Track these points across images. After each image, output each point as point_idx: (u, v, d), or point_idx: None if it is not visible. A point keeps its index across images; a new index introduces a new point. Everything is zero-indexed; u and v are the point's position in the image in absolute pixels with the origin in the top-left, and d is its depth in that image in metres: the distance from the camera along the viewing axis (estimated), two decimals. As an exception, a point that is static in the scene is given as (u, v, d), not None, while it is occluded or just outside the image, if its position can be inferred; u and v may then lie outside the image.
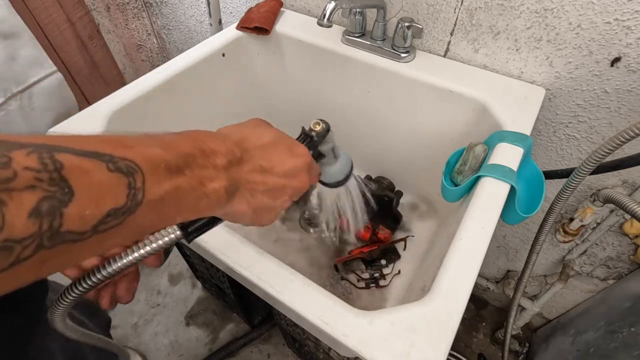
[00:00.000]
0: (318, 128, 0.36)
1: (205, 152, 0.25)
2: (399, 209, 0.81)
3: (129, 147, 0.21)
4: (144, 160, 0.21)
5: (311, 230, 0.84)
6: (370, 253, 0.75)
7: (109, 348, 0.38)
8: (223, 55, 0.76)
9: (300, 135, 0.37)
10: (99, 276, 0.26)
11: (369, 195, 0.50)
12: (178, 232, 0.28)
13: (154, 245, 0.27)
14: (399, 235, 0.81)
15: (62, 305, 0.28)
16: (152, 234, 0.27)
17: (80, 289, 0.27)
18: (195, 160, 0.24)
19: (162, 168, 0.22)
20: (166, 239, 0.28)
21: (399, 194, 0.82)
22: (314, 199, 0.52)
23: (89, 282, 0.26)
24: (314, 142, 0.37)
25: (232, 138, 0.29)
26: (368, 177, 0.84)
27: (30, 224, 0.16)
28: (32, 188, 0.16)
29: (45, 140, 0.18)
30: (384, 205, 0.78)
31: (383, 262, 0.75)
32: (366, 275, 0.76)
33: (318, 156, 0.38)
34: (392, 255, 0.77)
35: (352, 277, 0.76)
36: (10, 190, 0.15)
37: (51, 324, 0.30)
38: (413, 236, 0.80)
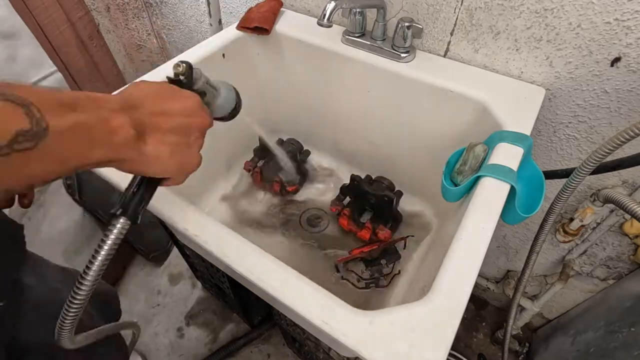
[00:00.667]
0: (180, 69, 0.36)
1: (96, 98, 0.27)
2: (398, 209, 0.81)
3: (17, 88, 0.23)
4: (32, 95, 0.23)
5: (312, 229, 0.84)
6: (370, 253, 0.75)
7: (115, 330, 0.39)
8: (223, 56, 0.76)
9: (169, 83, 0.37)
10: (82, 291, 0.29)
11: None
12: (122, 220, 0.31)
13: (109, 241, 0.30)
14: (399, 234, 0.81)
15: (65, 327, 0.29)
16: (102, 239, 0.31)
17: (74, 306, 0.29)
18: (86, 102, 0.26)
19: (55, 104, 0.24)
20: (115, 229, 0.31)
21: (399, 194, 0.82)
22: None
23: (78, 298, 0.29)
24: (184, 84, 0.36)
25: (117, 95, 0.31)
26: (368, 178, 0.85)
27: None
28: None
29: None
30: (384, 205, 0.78)
31: (383, 262, 0.75)
32: (366, 275, 0.76)
33: (198, 94, 0.38)
34: (392, 255, 0.77)
35: (352, 277, 0.76)
36: None
37: (59, 343, 0.32)
38: (412, 236, 0.80)
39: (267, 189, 0.90)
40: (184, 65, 0.36)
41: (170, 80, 0.37)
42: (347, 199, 0.84)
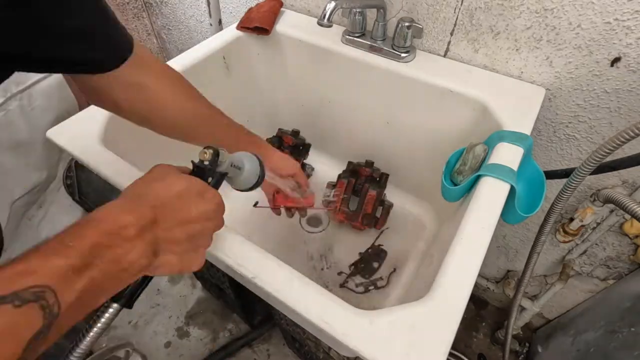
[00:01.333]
0: (206, 156, 0.37)
1: (114, 231, 0.26)
2: (394, 202, 0.82)
3: (32, 273, 0.22)
4: (50, 277, 0.22)
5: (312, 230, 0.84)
6: (361, 259, 0.76)
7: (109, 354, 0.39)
8: (224, 58, 0.76)
9: (194, 169, 0.38)
10: None
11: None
12: (115, 305, 0.31)
13: (96, 328, 0.30)
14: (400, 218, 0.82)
15: None
16: (91, 317, 0.30)
17: None
18: (104, 247, 0.25)
19: (70, 274, 0.23)
20: (105, 316, 0.30)
21: (387, 176, 0.85)
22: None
23: None
24: (209, 170, 0.38)
25: (142, 200, 0.30)
26: (351, 165, 0.86)
27: None
28: None
29: None
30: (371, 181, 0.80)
31: (375, 264, 0.76)
32: (363, 280, 0.76)
33: (221, 177, 0.39)
34: (379, 254, 0.77)
35: (351, 284, 0.76)
36: None
37: None
38: (387, 228, 0.82)
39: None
40: (210, 151, 0.36)
41: (195, 166, 0.37)
42: (340, 182, 0.85)
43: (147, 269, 0.29)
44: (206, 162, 0.37)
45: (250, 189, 0.45)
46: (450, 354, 1.09)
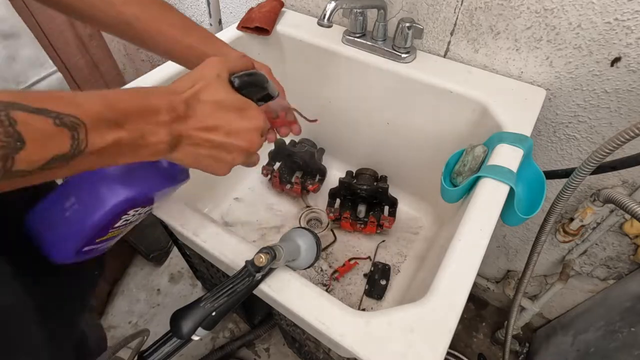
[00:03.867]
0: (263, 261, 0.36)
1: (148, 109, 0.29)
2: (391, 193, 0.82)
3: (75, 105, 0.24)
4: (87, 116, 0.24)
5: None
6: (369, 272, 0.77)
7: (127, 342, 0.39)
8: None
9: (244, 270, 0.37)
10: None
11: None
12: None
13: None
14: (399, 219, 0.82)
15: None
16: None
17: None
18: (135, 117, 0.28)
19: (103, 123, 0.26)
20: None
21: (386, 179, 0.83)
22: None
23: None
24: (267, 272, 0.38)
25: (180, 93, 0.31)
26: (350, 173, 0.85)
27: None
28: None
29: (3, 97, 0.22)
30: (379, 195, 0.78)
31: (383, 282, 0.75)
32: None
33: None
34: (384, 270, 0.76)
35: (366, 306, 0.75)
36: None
37: None
38: (384, 241, 0.81)
39: (286, 191, 0.89)
40: (267, 257, 0.36)
41: (247, 270, 0.37)
42: (338, 200, 0.84)
43: (164, 155, 0.31)
44: (262, 267, 0.36)
45: (308, 267, 0.46)
46: (450, 354, 1.09)
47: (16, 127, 0.21)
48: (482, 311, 1.20)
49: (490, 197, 0.48)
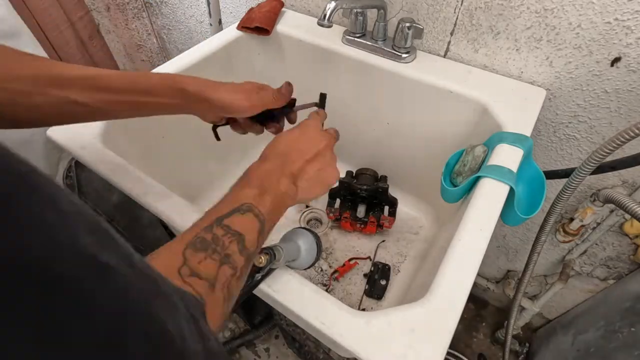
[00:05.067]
0: (262, 262, 0.37)
1: (266, 174, 0.39)
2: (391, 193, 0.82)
3: (239, 199, 0.35)
4: (250, 198, 0.35)
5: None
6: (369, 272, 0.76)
7: None
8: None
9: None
10: None
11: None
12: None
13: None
14: (399, 219, 0.82)
15: None
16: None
17: None
18: (266, 182, 0.38)
19: (258, 196, 0.36)
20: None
21: (386, 179, 0.82)
22: None
23: None
24: (266, 272, 0.39)
25: (270, 155, 0.41)
26: (350, 173, 0.84)
27: (242, 257, 0.31)
28: (231, 242, 0.31)
29: (209, 220, 0.32)
30: (379, 195, 0.78)
31: (383, 282, 0.75)
32: (365, 288, 0.75)
33: (271, 270, 0.41)
34: (384, 271, 0.76)
35: (366, 306, 0.75)
36: (226, 247, 0.30)
37: None
38: (384, 241, 0.81)
39: None
40: (267, 257, 0.38)
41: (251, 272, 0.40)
42: (338, 200, 0.84)
43: (297, 195, 0.40)
44: (262, 266, 0.38)
45: (309, 267, 0.47)
46: (450, 354, 1.09)
47: (233, 229, 0.32)
48: (482, 311, 1.20)
49: (490, 197, 0.48)
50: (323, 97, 0.53)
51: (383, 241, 0.81)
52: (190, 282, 0.26)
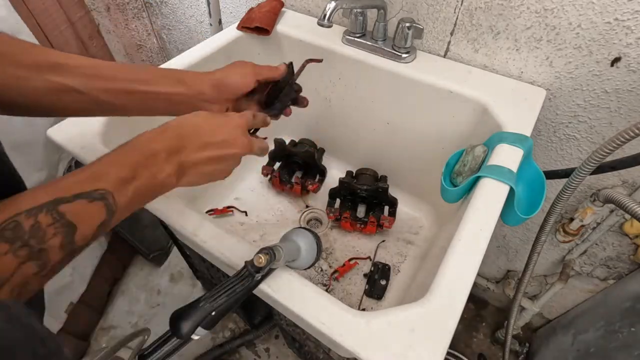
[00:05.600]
0: (262, 262, 0.36)
1: (150, 155, 0.34)
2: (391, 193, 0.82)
3: (97, 179, 0.30)
4: (109, 183, 0.30)
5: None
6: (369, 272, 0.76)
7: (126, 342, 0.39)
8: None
9: (244, 270, 0.37)
10: None
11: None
12: None
13: None
14: (399, 219, 0.82)
15: None
16: None
17: None
18: (142, 165, 0.33)
19: (121, 182, 0.31)
20: None
21: (386, 179, 0.82)
22: None
23: None
24: (266, 272, 0.38)
25: (171, 130, 0.37)
26: (350, 173, 0.85)
27: (61, 253, 0.27)
28: (54, 235, 0.27)
29: (44, 197, 0.27)
30: (379, 195, 0.78)
31: (382, 282, 0.75)
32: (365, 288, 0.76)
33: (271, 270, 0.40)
34: (384, 271, 0.76)
35: (366, 306, 0.75)
36: (45, 241, 0.26)
37: None
38: (384, 241, 0.81)
39: (286, 191, 0.89)
40: (267, 257, 0.36)
41: (248, 271, 0.37)
42: (338, 200, 0.84)
43: (176, 184, 0.36)
44: (262, 267, 0.36)
45: (309, 267, 0.46)
46: (450, 354, 1.09)
47: (66, 218, 0.27)
48: (482, 311, 1.20)
49: (490, 197, 0.48)
50: (291, 65, 0.54)
51: (383, 241, 0.81)
52: None
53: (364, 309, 0.73)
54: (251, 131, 0.48)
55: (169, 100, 0.44)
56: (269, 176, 0.88)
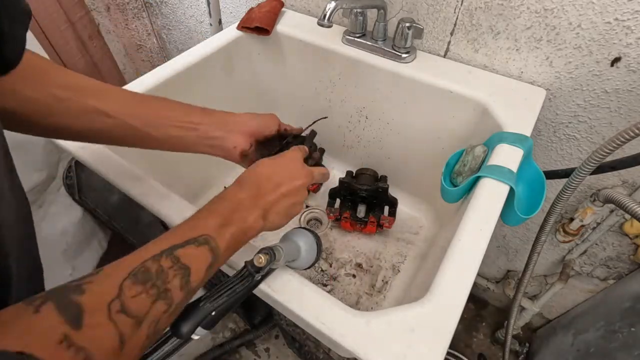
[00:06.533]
0: (262, 262, 0.36)
1: (237, 203, 0.39)
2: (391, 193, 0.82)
3: (199, 228, 0.34)
4: (211, 230, 0.34)
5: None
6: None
7: None
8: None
9: (244, 270, 0.37)
10: None
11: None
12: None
13: None
14: (399, 219, 0.82)
15: None
16: None
17: None
18: (235, 213, 0.37)
19: (220, 229, 0.35)
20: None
21: (386, 179, 0.82)
22: None
23: None
24: (266, 272, 0.38)
25: (246, 181, 0.41)
26: (350, 173, 0.84)
27: (182, 293, 0.30)
28: (175, 276, 0.30)
29: (164, 244, 0.31)
30: (379, 195, 0.78)
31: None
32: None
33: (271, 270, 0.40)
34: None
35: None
36: (168, 281, 0.29)
37: None
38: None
39: None
40: (267, 257, 0.37)
41: (248, 271, 0.38)
42: (338, 200, 0.84)
43: (264, 226, 0.40)
44: (261, 267, 0.37)
45: (309, 267, 0.47)
46: (450, 354, 1.09)
47: (181, 261, 0.31)
48: (482, 311, 1.20)
49: (490, 197, 0.48)
50: (314, 133, 0.61)
51: (383, 241, 0.81)
52: (115, 320, 0.25)
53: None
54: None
55: (204, 142, 0.48)
56: None
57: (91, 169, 0.54)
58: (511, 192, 0.49)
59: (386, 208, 0.81)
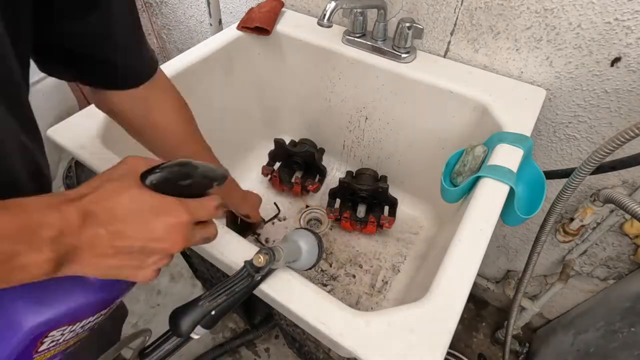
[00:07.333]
0: (262, 262, 0.35)
1: (26, 227, 0.25)
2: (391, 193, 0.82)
3: None
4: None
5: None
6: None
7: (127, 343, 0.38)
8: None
9: (243, 270, 0.36)
10: None
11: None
12: None
13: None
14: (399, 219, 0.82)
15: None
16: None
17: None
18: (7, 238, 0.24)
19: None
20: None
21: (385, 179, 0.82)
22: None
23: None
24: (266, 273, 0.38)
25: (75, 200, 0.27)
26: (350, 174, 0.85)
27: None
28: None
29: None
30: (379, 195, 0.78)
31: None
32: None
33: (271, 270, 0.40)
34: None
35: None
36: None
37: None
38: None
39: (286, 191, 0.89)
40: (266, 257, 0.35)
41: (247, 271, 0.36)
42: (338, 200, 0.84)
43: (51, 274, 0.26)
44: (262, 267, 0.36)
45: (310, 268, 0.46)
46: (450, 354, 1.09)
47: None
48: (482, 311, 1.20)
49: (490, 197, 0.48)
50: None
51: (383, 241, 0.81)
52: None
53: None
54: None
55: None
56: (269, 176, 0.88)
57: (91, 169, 0.54)
58: (511, 192, 0.49)
59: (386, 208, 0.81)
